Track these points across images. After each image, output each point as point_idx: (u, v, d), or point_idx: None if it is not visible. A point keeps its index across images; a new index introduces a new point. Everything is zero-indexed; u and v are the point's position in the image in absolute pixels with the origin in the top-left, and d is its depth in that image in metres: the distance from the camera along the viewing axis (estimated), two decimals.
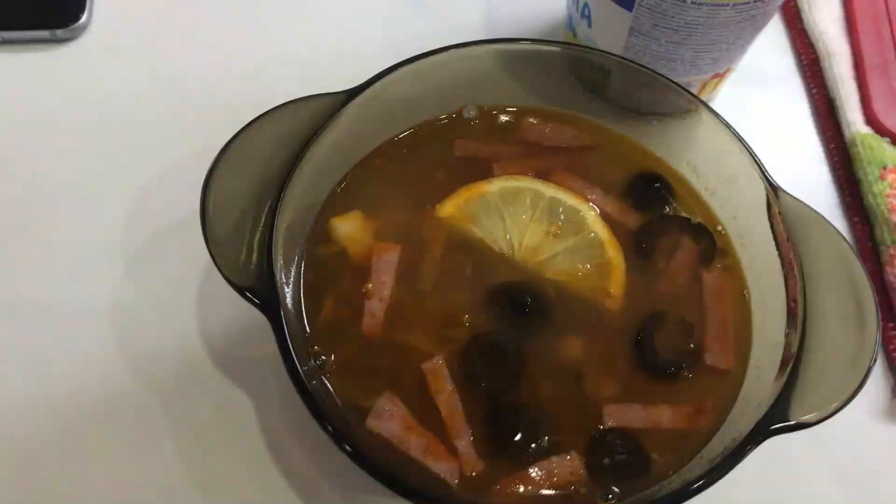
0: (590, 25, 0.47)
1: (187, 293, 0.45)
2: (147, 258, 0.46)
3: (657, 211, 0.43)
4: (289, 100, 0.39)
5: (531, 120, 0.45)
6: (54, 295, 0.45)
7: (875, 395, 0.45)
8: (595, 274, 0.40)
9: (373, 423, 0.35)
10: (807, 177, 0.52)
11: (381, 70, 0.40)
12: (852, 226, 0.50)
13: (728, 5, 0.41)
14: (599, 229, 0.41)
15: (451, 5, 0.57)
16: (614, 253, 0.41)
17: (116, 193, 0.48)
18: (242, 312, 0.43)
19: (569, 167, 0.44)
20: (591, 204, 0.42)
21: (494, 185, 0.42)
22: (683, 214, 0.43)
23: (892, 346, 0.46)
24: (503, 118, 0.45)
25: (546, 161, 0.44)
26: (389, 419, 0.35)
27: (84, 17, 0.53)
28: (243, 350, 0.44)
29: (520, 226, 0.41)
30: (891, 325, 0.46)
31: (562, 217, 0.42)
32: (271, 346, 0.33)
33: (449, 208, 0.42)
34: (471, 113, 0.45)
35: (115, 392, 0.42)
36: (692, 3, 0.41)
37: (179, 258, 0.46)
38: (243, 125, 0.38)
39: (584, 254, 0.41)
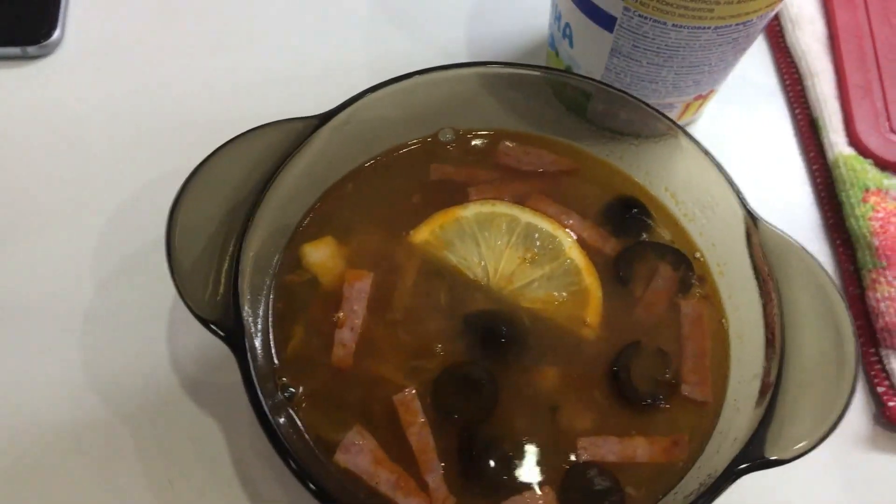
0: (571, 45, 0.46)
1: (158, 318, 0.44)
2: (117, 282, 0.45)
3: (635, 237, 0.42)
4: (259, 124, 0.38)
5: (508, 143, 0.44)
6: (22, 320, 0.44)
7: (857, 422, 0.44)
8: (571, 302, 0.40)
9: (341, 458, 0.35)
10: (789, 198, 0.51)
11: (356, 93, 0.40)
12: (835, 248, 0.49)
13: (710, 28, 0.40)
14: (576, 256, 0.41)
15: (433, 23, 0.56)
16: (591, 280, 0.40)
17: (87, 215, 0.47)
18: (212, 338, 0.42)
19: (546, 192, 0.43)
20: (567, 230, 0.41)
21: (469, 211, 0.42)
22: (662, 241, 0.42)
23: (873, 373, 0.45)
24: (480, 142, 0.45)
25: (523, 185, 0.43)
26: (358, 453, 0.35)
27: (56, 34, 0.52)
28: (213, 376, 0.43)
29: (495, 252, 0.41)
30: (872, 350, 0.46)
31: (538, 243, 0.41)
32: (238, 372, 0.33)
33: (423, 234, 0.41)
34: (447, 136, 0.44)
35: (83, 420, 0.42)
36: (673, 25, 0.40)
37: (150, 282, 0.45)
38: (212, 150, 0.37)
39: (561, 281, 0.40)
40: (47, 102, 0.51)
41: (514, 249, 0.41)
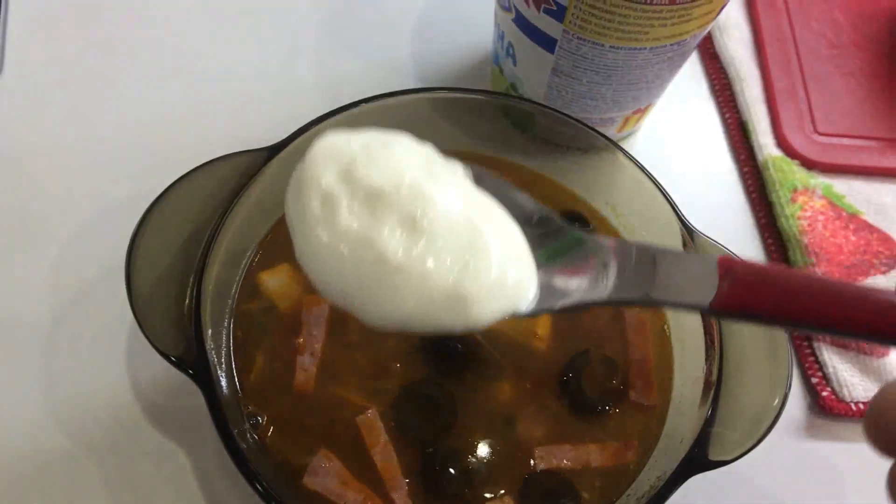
0: (514, 64, 0.48)
1: (116, 346, 0.44)
2: (73, 312, 0.45)
3: None
4: (210, 153, 0.38)
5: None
6: None
7: (793, 412, 0.47)
8: None
9: (310, 481, 0.36)
10: (723, 200, 0.54)
11: (305, 118, 0.40)
12: (767, 247, 0.52)
13: (646, 49, 0.42)
14: None
15: (379, 44, 0.57)
16: None
17: (38, 246, 0.47)
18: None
19: None
20: None
21: None
22: None
23: (807, 365, 0.48)
24: None
25: None
26: (326, 475, 0.36)
27: None
28: (175, 402, 0.43)
29: None
30: (805, 343, 0.48)
31: None
32: (201, 398, 0.34)
33: None
34: None
35: (46, 452, 0.42)
36: (610, 47, 0.42)
37: (106, 311, 0.45)
38: (161, 179, 0.37)
39: None
40: None
41: None
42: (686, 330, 0.41)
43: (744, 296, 0.27)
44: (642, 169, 0.41)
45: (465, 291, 0.28)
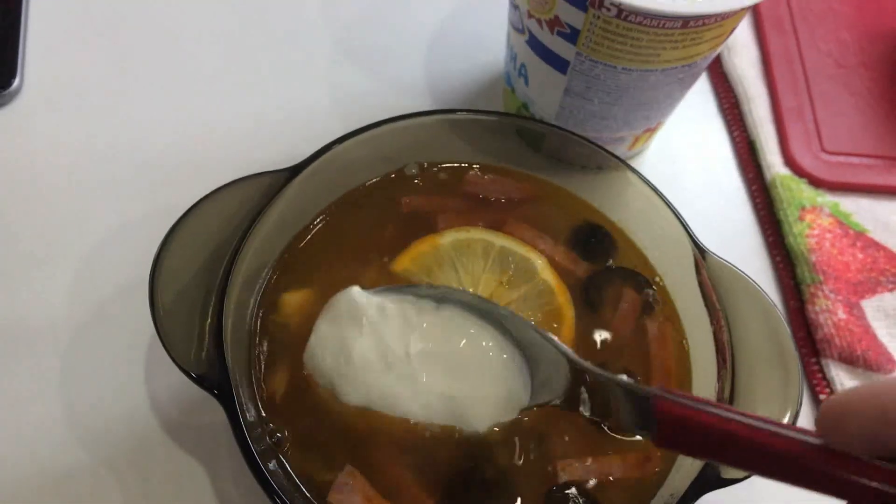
0: (527, 84, 0.49)
1: (135, 361, 0.45)
2: (92, 328, 0.46)
3: (602, 261, 0.45)
4: (227, 176, 0.39)
5: (473, 174, 0.46)
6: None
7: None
8: (546, 323, 0.42)
9: (335, 498, 0.36)
10: (731, 218, 0.54)
11: (323, 137, 0.41)
12: (775, 265, 0.53)
13: (657, 70, 0.43)
14: (549, 277, 0.43)
15: (393, 64, 0.58)
16: (563, 300, 0.43)
17: (58, 263, 0.48)
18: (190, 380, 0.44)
19: (517, 217, 0.45)
20: (539, 252, 0.44)
21: (446, 238, 0.43)
22: (626, 266, 0.45)
23: (815, 381, 0.48)
24: (444, 175, 0.47)
25: (490, 213, 0.45)
26: (351, 493, 0.36)
27: (16, 83, 0.52)
28: (193, 417, 0.44)
29: (473, 277, 0.43)
30: (813, 360, 0.49)
31: (513, 266, 0.43)
32: (221, 413, 0.34)
33: (403, 263, 0.43)
34: (412, 171, 0.46)
35: (66, 468, 0.42)
36: (622, 69, 0.43)
37: (124, 326, 0.46)
38: (179, 198, 0.38)
39: (535, 302, 0.42)
40: (10, 151, 0.51)
41: (490, 273, 0.43)
42: (699, 347, 0.42)
43: (672, 441, 0.28)
44: (653, 188, 0.42)
45: (460, 409, 0.37)
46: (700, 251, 0.40)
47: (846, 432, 0.23)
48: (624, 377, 0.37)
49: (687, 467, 0.37)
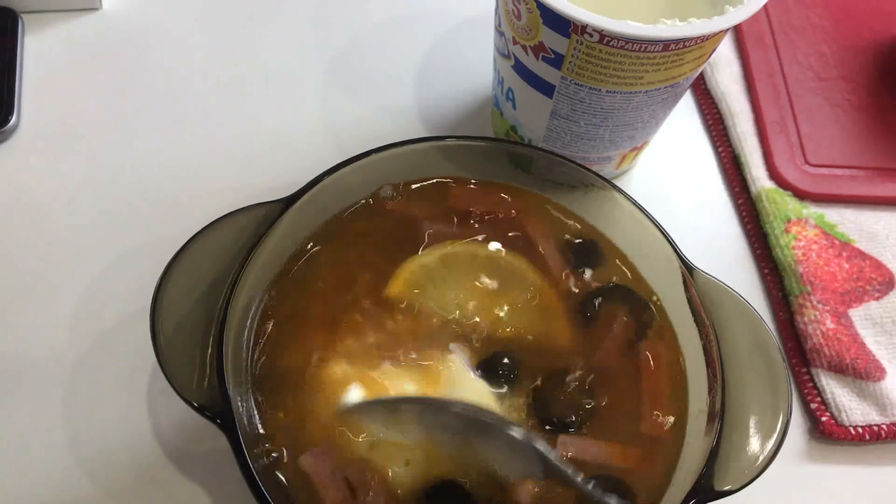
0: (514, 107, 0.50)
1: (136, 391, 0.46)
2: (93, 358, 0.47)
3: (596, 274, 0.45)
4: (223, 207, 0.40)
5: (458, 188, 0.47)
6: (3, 401, 0.45)
7: (794, 437, 0.48)
8: (540, 320, 0.43)
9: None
10: (719, 232, 0.55)
11: (315, 172, 0.42)
12: (763, 277, 0.54)
13: (641, 92, 0.44)
14: (537, 278, 0.44)
15: (383, 89, 0.59)
16: (554, 298, 0.44)
17: (58, 295, 0.48)
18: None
19: (508, 231, 0.46)
20: (533, 264, 0.45)
21: (433, 255, 0.44)
22: (622, 283, 0.45)
23: (805, 391, 0.49)
24: (429, 191, 0.47)
25: (480, 228, 0.46)
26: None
27: (13, 120, 0.52)
28: (196, 444, 0.45)
29: (464, 289, 0.44)
30: (804, 370, 0.50)
31: (500, 272, 0.44)
32: (223, 439, 0.35)
33: (397, 287, 0.43)
34: (387, 192, 0.46)
35: (71, 498, 0.43)
36: (607, 91, 0.44)
37: (125, 356, 0.46)
38: (177, 230, 0.39)
39: (528, 304, 0.43)
40: (10, 186, 0.52)
41: (479, 282, 0.44)
42: (691, 363, 0.42)
43: None
44: (640, 208, 0.43)
45: None
46: (688, 268, 0.41)
47: None
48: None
49: (680, 480, 0.38)
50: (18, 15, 0.57)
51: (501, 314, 0.43)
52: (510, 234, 0.46)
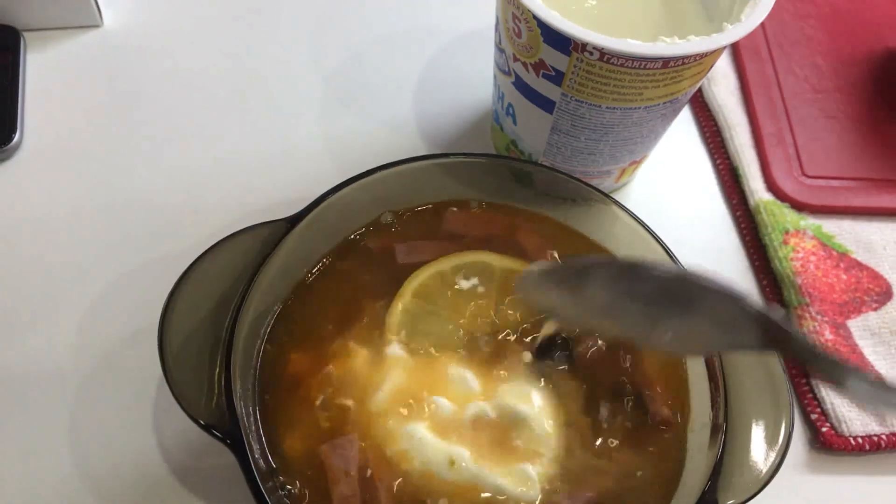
0: (515, 123, 0.50)
1: (143, 409, 0.46)
2: (98, 377, 0.47)
3: None
4: (227, 224, 0.41)
5: (454, 210, 0.47)
6: (6, 419, 0.45)
7: (795, 448, 0.48)
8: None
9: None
10: (718, 244, 0.56)
11: (318, 188, 0.42)
12: (762, 288, 0.54)
13: (640, 107, 0.44)
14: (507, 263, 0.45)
15: (382, 102, 0.59)
16: None
17: (62, 314, 0.48)
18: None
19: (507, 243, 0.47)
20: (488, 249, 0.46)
21: (431, 270, 0.45)
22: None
23: (806, 401, 0.50)
24: (425, 216, 0.47)
25: (478, 245, 0.46)
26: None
27: (16, 138, 0.53)
28: (202, 461, 0.45)
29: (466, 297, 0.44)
30: (804, 381, 0.50)
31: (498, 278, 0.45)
32: (229, 455, 0.35)
33: (401, 304, 0.44)
34: (387, 219, 0.47)
35: None
36: (607, 107, 0.44)
37: (130, 374, 0.46)
38: (181, 248, 0.39)
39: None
40: (12, 205, 0.52)
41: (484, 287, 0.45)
42: (694, 379, 0.43)
43: None
44: (639, 221, 0.43)
45: None
46: None
47: None
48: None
49: (685, 495, 0.38)
50: (20, 33, 0.58)
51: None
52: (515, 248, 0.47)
